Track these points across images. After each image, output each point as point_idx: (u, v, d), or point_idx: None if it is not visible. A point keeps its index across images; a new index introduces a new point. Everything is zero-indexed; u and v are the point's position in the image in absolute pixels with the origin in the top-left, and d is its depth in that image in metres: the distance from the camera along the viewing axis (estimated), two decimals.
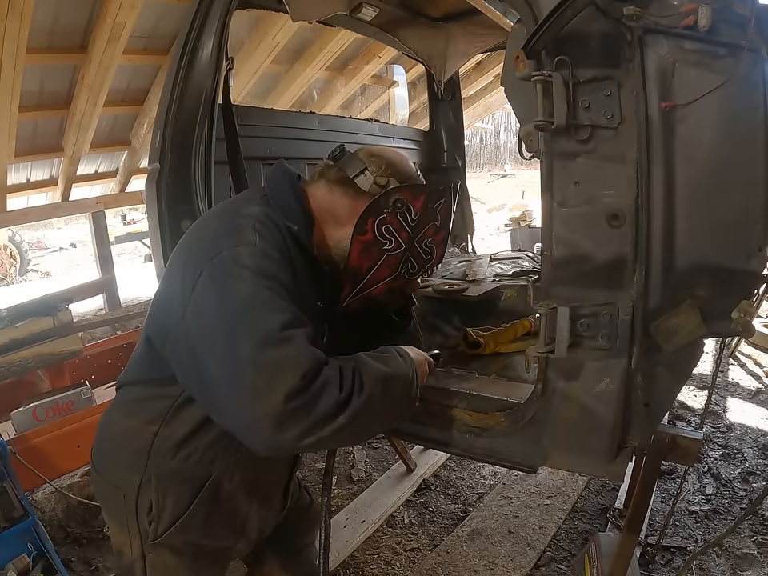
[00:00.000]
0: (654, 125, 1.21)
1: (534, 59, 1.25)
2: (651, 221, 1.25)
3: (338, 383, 1.15)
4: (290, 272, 1.27)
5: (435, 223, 1.54)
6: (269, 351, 1.11)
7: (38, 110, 5.09)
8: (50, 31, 4.29)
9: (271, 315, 1.16)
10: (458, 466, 3.51)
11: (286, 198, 1.41)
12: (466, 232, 4.01)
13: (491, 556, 2.64)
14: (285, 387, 1.08)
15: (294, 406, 1.08)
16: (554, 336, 1.33)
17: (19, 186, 6.19)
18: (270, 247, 1.26)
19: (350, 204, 1.43)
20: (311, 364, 1.12)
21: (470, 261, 3.23)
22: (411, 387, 1.36)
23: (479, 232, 13.75)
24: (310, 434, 1.11)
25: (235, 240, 1.26)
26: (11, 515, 2.17)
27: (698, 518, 2.87)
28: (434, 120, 3.97)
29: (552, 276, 1.37)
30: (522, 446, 1.54)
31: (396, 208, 1.41)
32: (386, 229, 1.42)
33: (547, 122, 1.22)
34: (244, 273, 1.19)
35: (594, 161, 1.27)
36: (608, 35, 1.21)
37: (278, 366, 1.10)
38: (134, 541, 1.43)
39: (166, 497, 1.38)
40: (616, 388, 1.36)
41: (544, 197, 1.35)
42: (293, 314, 1.18)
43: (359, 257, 1.43)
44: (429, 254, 1.57)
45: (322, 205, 1.46)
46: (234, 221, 1.32)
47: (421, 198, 1.45)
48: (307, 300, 1.35)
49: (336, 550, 2.69)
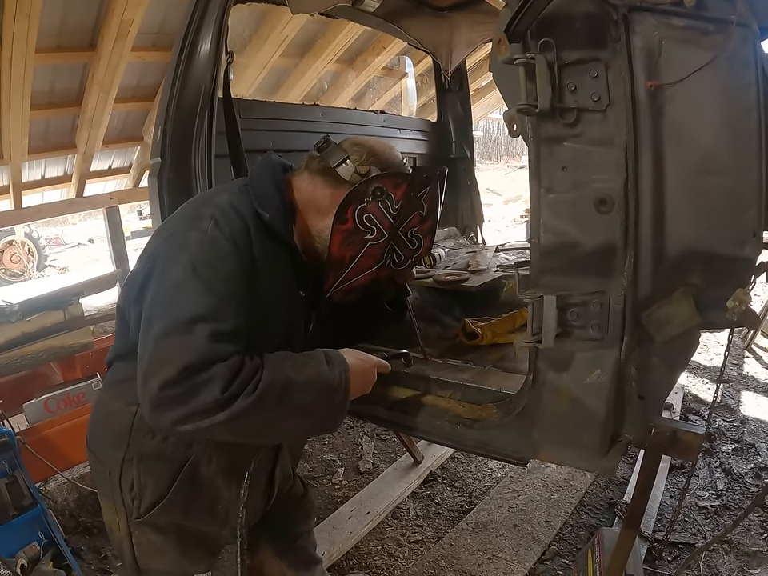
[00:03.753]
0: (642, 106, 1.18)
1: (519, 42, 1.22)
2: (640, 206, 1.21)
3: (224, 383, 1.15)
4: (242, 262, 1.27)
5: (420, 212, 1.52)
6: (168, 338, 1.17)
7: (49, 108, 5.13)
8: (58, 31, 4.31)
9: (186, 304, 1.19)
10: (466, 459, 3.49)
11: (264, 187, 1.42)
12: (475, 223, 3.96)
13: (495, 549, 2.61)
14: (163, 376, 1.13)
15: (167, 394, 1.13)
16: (541, 325, 1.31)
17: (34, 183, 6.25)
18: (222, 237, 1.26)
19: (331, 193, 1.43)
20: (198, 359, 1.14)
21: (476, 251, 3.20)
22: (332, 396, 1.32)
23: (495, 224, 13.74)
24: (186, 421, 1.15)
25: (189, 225, 1.31)
26: (21, 504, 2.21)
27: (708, 514, 2.81)
28: (442, 110, 3.93)
29: (540, 264, 1.35)
30: (512, 438, 1.51)
31: (376, 196, 1.40)
32: (367, 218, 1.41)
33: (531, 105, 1.19)
34: (183, 258, 1.24)
35: (582, 145, 1.24)
36: (593, 15, 1.18)
37: (167, 354, 1.16)
38: (120, 518, 1.48)
39: (147, 476, 1.42)
40: (608, 379, 1.33)
41: (532, 183, 1.32)
42: (210, 308, 1.19)
43: (340, 246, 1.42)
44: (415, 244, 1.55)
45: (304, 195, 1.46)
46: (199, 208, 1.36)
47: (402, 186, 1.43)
48: (277, 288, 1.37)
49: (340, 541, 2.69)
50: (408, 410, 1.72)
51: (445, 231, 3.76)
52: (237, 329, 1.22)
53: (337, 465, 3.52)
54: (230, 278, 1.24)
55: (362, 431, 3.91)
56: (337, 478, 3.35)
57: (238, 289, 1.25)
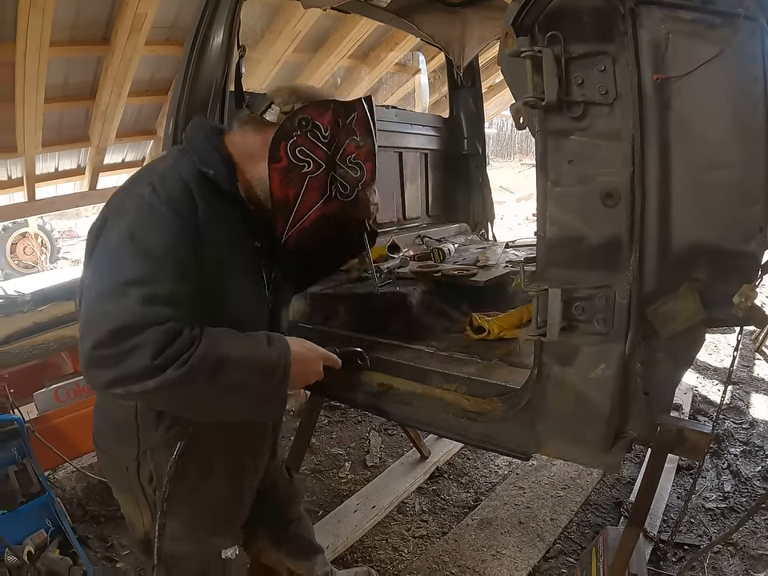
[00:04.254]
0: (649, 100, 1.18)
1: (527, 35, 1.22)
2: (647, 200, 1.21)
3: (156, 349, 1.14)
4: (182, 225, 1.27)
5: (354, 138, 1.53)
6: (102, 300, 1.19)
7: (63, 101, 5.18)
8: (72, 25, 4.35)
9: (122, 268, 1.20)
10: (473, 455, 3.49)
11: (202, 147, 1.43)
12: (487, 219, 3.94)
13: (500, 546, 2.61)
14: (94, 336, 1.14)
15: (99, 354, 1.14)
16: (546, 319, 1.30)
17: (47, 176, 6.32)
18: (159, 201, 1.26)
19: (261, 138, 1.44)
20: (130, 321, 1.15)
21: (486, 247, 3.19)
22: (268, 376, 1.31)
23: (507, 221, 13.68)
24: (118, 384, 1.16)
25: (127, 193, 1.33)
26: (29, 491, 2.23)
27: (714, 516, 2.79)
28: (454, 106, 3.91)
29: (546, 258, 1.35)
30: (516, 432, 1.51)
31: (303, 127, 1.41)
32: (300, 151, 1.42)
33: (537, 98, 1.20)
34: (121, 224, 1.25)
35: (589, 138, 1.24)
36: (600, 8, 1.18)
37: (100, 315, 1.17)
38: (144, 511, 1.49)
39: (162, 466, 1.42)
40: (612, 374, 1.33)
41: (538, 176, 1.32)
42: (144, 272, 1.19)
43: (281, 186, 1.43)
44: (357, 171, 1.57)
45: (238, 148, 1.47)
46: (138, 177, 1.38)
47: (327, 113, 1.44)
48: (228, 244, 1.38)
49: (345, 534, 2.70)
50: (414, 403, 1.73)
51: (456, 227, 3.75)
52: (173, 293, 1.21)
53: (344, 458, 3.52)
54: (167, 241, 1.24)
55: (369, 426, 3.92)
56: (343, 472, 3.36)
57: (178, 252, 1.25)
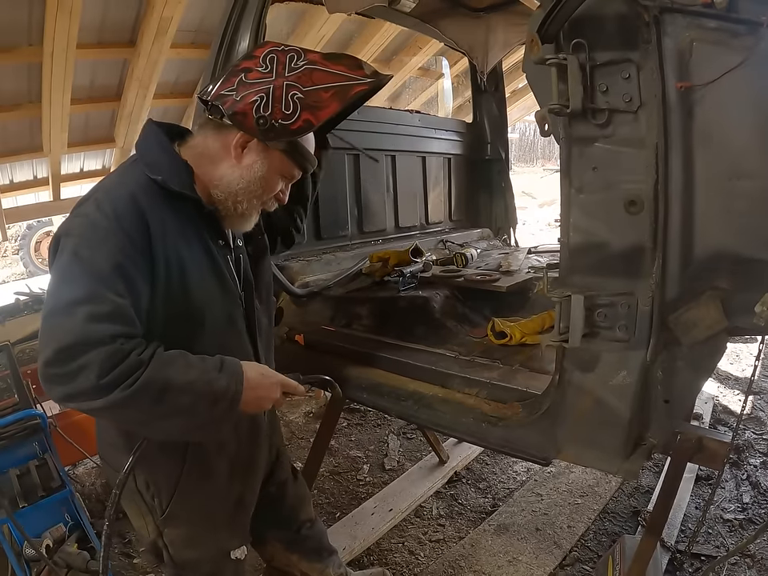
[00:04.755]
0: (673, 108, 1.18)
1: (552, 43, 1.23)
2: (670, 208, 1.21)
3: (100, 371, 1.16)
4: (128, 238, 1.26)
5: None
6: (51, 319, 1.21)
7: (89, 103, 5.23)
8: (99, 27, 4.40)
9: (67, 288, 1.23)
10: (491, 460, 3.47)
11: (151, 152, 1.42)
12: (509, 225, 3.95)
13: (516, 552, 2.60)
14: (45, 354, 1.17)
15: (50, 372, 1.18)
16: (569, 325, 1.31)
17: (72, 176, 6.39)
18: (103, 217, 1.26)
19: (220, 139, 1.44)
20: (73, 340, 1.16)
21: (508, 253, 3.19)
22: (214, 403, 1.29)
23: (529, 227, 13.60)
24: (69, 400, 1.20)
25: (75, 211, 1.34)
26: (49, 486, 2.26)
27: (732, 527, 2.75)
28: (478, 111, 3.92)
29: (569, 264, 1.35)
30: (536, 437, 1.52)
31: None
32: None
33: (562, 105, 1.20)
34: (67, 243, 1.26)
35: (613, 145, 1.25)
36: (624, 16, 1.19)
37: (48, 334, 1.20)
38: (147, 519, 1.53)
39: (156, 472, 1.47)
40: (633, 381, 1.33)
41: (562, 183, 1.33)
42: (88, 291, 1.20)
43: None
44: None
45: (198, 150, 1.46)
46: (90, 192, 1.39)
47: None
48: (188, 247, 1.38)
49: (362, 537, 2.71)
50: (434, 406, 1.74)
51: (478, 232, 3.77)
52: (118, 309, 1.21)
53: (362, 461, 3.53)
54: (111, 258, 1.23)
55: (388, 429, 3.92)
56: (362, 474, 3.37)
57: (123, 267, 1.24)
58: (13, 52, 4.21)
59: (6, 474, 2.23)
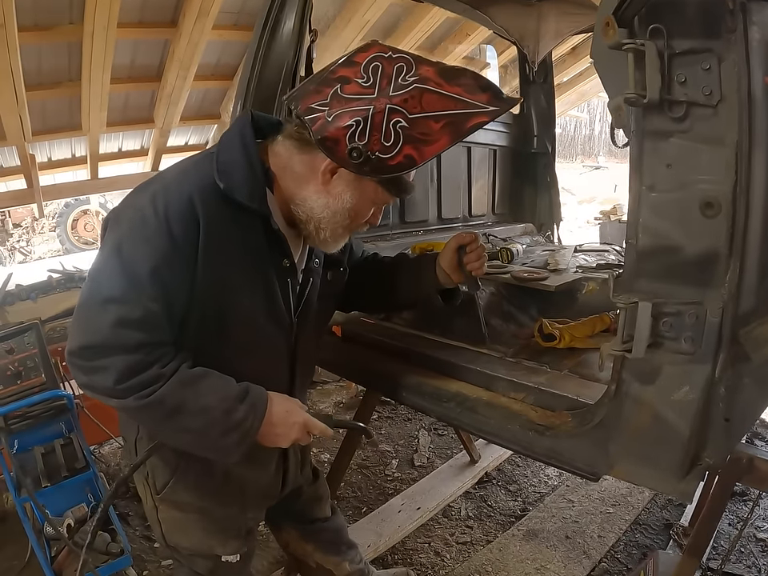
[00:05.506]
0: (758, 103, 1.08)
1: (626, 27, 1.13)
2: (750, 212, 1.11)
3: (118, 377, 1.16)
4: (173, 242, 1.19)
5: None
6: (86, 309, 1.21)
7: (129, 83, 5.24)
8: (140, 6, 4.39)
9: (104, 284, 1.20)
10: (523, 462, 3.40)
11: (230, 152, 1.30)
12: (553, 221, 3.85)
13: (544, 560, 2.53)
14: (71, 344, 1.20)
15: (72, 360, 1.20)
16: (633, 334, 1.21)
17: (111, 155, 6.42)
18: (154, 214, 1.19)
19: (306, 159, 1.31)
20: (98, 342, 1.17)
21: (554, 250, 3.09)
22: (224, 434, 1.25)
23: (568, 224, 13.39)
24: (88, 389, 1.22)
25: (130, 200, 1.29)
26: (74, 466, 2.27)
27: (765, 547, 2.62)
28: (525, 103, 3.81)
29: (636, 268, 1.25)
30: (586, 450, 1.42)
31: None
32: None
33: (639, 95, 1.10)
34: (114, 233, 1.24)
35: (689, 142, 1.14)
36: (707, 2, 1.08)
37: (77, 327, 1.22)
38: (147, 492, 1.52)
39: (155, 456, 1.43)
40: (696, 398, 1.23)
41: (632, 179, 1.22)
42: (122, 292, 1.17)
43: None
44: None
45: (282, 160, 1.34)
46: (148, 183, 1.31)
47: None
48: (240, 261, 1.30)
49: (387, 534, 2.67)
50: (478, 410, 1.66)
51: (521, 227, 3.67)
52: (147, 317, 1.18)
53: (391, 456, 3.49)
54: (152, 260, 1.18)
55: (419, 424, 3.87)
56: (390, 470, 3.33)
57: (161, 273, 1.19)
58: (53, 30, 4.23)
59: (30, 451, 2.24)
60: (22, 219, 14.45)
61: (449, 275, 1.63)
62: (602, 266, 2.55)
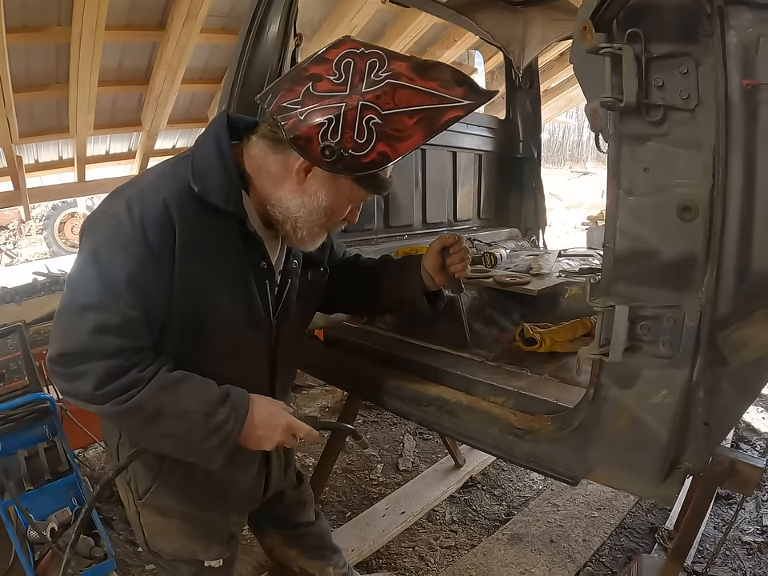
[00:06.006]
0: (735, 107, 1.08)
1: (604, 31, 1.13)
2: (727, 216, 1.11)
3: (97, 383, 1.15)
4: (148, 249, 1.18)
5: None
6: (62, 318, 1.21)
7: (117, 85, 5.22)
8: (129, 9, 4.38)
9: (84, 289, 1.19)
10: (508, 467, 3.40)
11: (205, 156, 1.29)
12: (538, 226, 3.86)
13: (529, 564, 2.53)
14: (51, 351, 1.19)
15: (52, 368, 1.20)
16: (610, 337, 1.22)
17: (98, 158, 6.38)
18: (130, 221, 1.18)
19: (280, 159, 1.30)
20: (77, 349, 1.16)
21: (538, 255, 3.11)
22: (205, 437, 1.24)
23: (555, 229, 13.46)
24: (68, 396, 1.22)
25: (105, 206, 1.27)
26: (57, 469, 2.24)
27: (751, 550, 2.64)
28: (511, 108, 3.83)
29: (613, 271, 1.26)
30: (565, 454, 1.42)
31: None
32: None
33: (615, 99, 1.11)
34: (90, 240, 1.22)
35: (667, 146, 1.15)
36: (685, 6, 1.09)
37: (55, 334, 1.21)
38: (129, 497, 1.51)
39: (137, 461, 1.41)
40: (674, 401, 1.23)
41: (610, 183, 1.23)
42: (99, 298, 1.17)
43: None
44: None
45: (257, 161, 1.33)
46: (125, 186, 1.29)
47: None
48: (217, 265, 1.29)
49: (371, 539, 2.66)
50: (458, 414, 1.66)
51: (506, 232, 3.69)
52: (126, 323, 1.17)
53: (376, 460, 3.47)
54: (128, 267, 1.17)
55: (404, 429, 3.86)
56: (375, 474, 3.31)
57: (137, 279, 1.18)
58: (42, 31, 4.22)
59: (13, 455, 2.20)
60: (8, 222, 14.37)
61: (432, 277, 1.63)
62: (585, 270, 2.56)
